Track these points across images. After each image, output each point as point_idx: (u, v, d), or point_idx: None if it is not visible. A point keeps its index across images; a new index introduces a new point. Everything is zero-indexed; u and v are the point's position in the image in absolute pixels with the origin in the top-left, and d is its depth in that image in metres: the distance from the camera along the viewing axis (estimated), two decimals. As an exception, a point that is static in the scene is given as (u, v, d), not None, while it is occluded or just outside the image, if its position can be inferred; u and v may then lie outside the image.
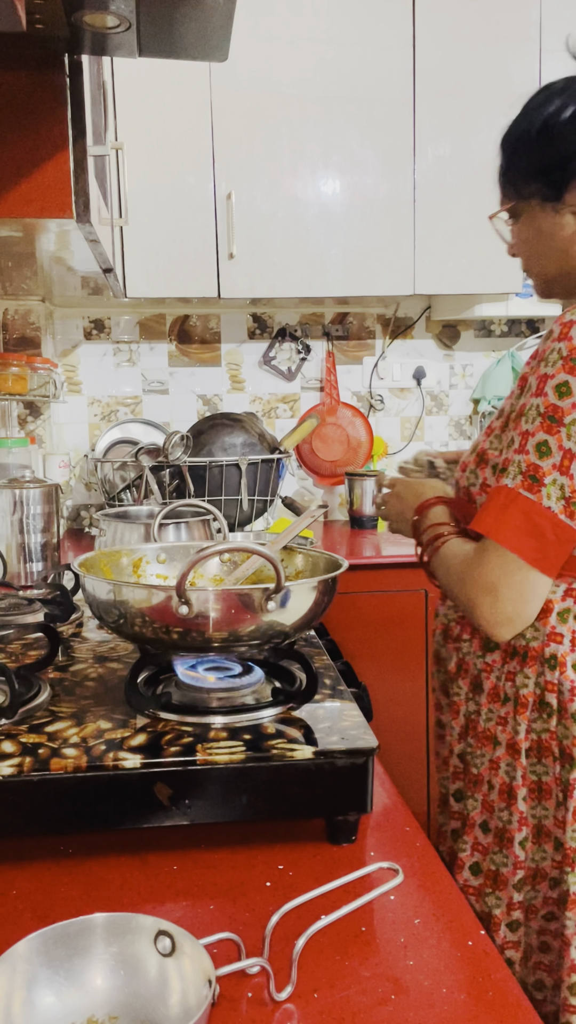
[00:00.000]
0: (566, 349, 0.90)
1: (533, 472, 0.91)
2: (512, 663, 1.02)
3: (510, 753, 1.02)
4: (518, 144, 1.02)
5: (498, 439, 1.00)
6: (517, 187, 1.02)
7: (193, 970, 0.53)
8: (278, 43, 2.27)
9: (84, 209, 1.14)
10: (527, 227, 1.03)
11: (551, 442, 0.90)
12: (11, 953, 0.53)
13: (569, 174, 0.97)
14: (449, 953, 0.61)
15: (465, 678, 1.09)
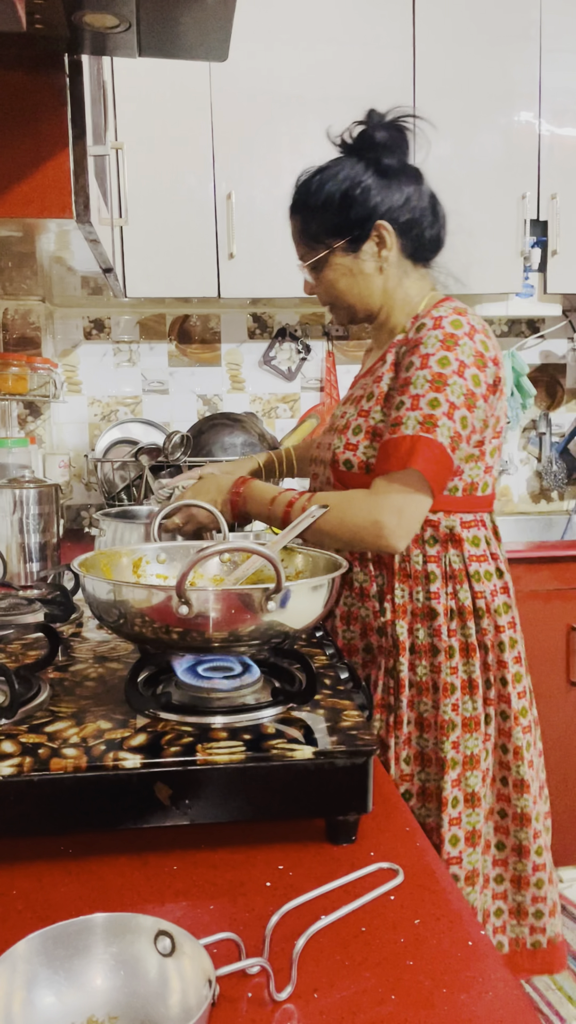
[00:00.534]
0: (442, 335, 1.22)
1: (428, 419, 1.18)
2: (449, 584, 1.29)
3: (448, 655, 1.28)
4: (322, 209, 1.28)
5: (381, 414, 1.27)
6: (322, 242, 1.30)
7: (193, 970, 0.53)
8: (278, 43, 2.27)
9: (84, 209, 1.15)
10: (333, 271, 1.32)
11: (440, 398, 1.19)
12: (11, 953, 0.53)
13: (365, 232, 1.28)
14: (449, 953, 0.61)
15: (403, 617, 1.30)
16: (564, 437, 2.91)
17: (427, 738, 1.29)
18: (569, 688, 2.25)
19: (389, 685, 1.30)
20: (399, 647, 1.28)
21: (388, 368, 1.29)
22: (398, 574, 1.29)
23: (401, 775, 1.29)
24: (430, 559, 1.28)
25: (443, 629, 1.27)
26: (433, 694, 1.28)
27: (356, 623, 1.34)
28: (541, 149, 2.42)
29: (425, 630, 1.28)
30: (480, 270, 2.40)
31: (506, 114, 2.40)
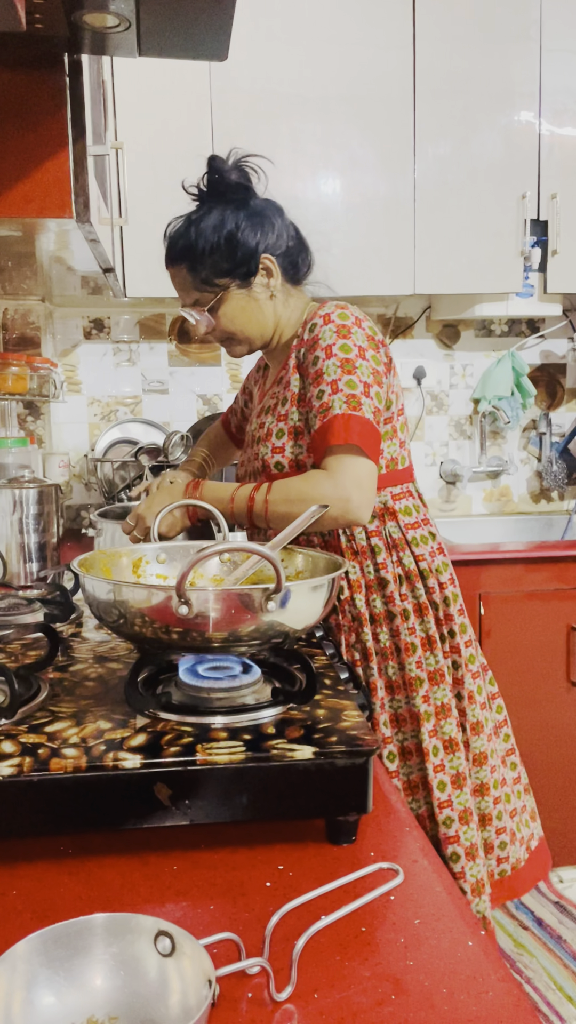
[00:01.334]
0: (334, 327, 1.31)
1: (351, 399, 1.26)
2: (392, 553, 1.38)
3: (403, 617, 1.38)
4: (210, 255, 1.36)
5: (298, 413, 1.35)
6: (214, 284, 1.37)
7: (193, 970, 0.53)
8: (278, 43, 2.27)
9: (84, 209, 1.14)
10: (230, 308, 1.39)
11: (353, 379, 1.27)
12: (11, 953, 0.53)
13: (253, 268, 1.37)
14: (449, 953, 0.61)
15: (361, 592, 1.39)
16: (564, 437, 2.91)
17: (399, 699, 1.38)
18: (569, 688, 2.25)
19: (355, 657, 1.39)
20: (360, 619, 1.38)
21: (292, 372, 1.37)
22: (346, 552, 1.38)
23: (384, 738, 1.37)
24: (372, 534, 1.38)
25: (395, 595, 1.38)
26: (397, 656, 1.38)
27: None
28: (541, 149, 2.42)
29: (380, 598, 1.38)
30: (480, 270, 2.41)
31: (506, 114, 2.40)
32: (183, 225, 1.41)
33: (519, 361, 2.75)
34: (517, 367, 2.75)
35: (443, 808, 1.35)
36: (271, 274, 1.40)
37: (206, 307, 1.39)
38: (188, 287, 1.40)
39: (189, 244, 1.38)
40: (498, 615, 2.18)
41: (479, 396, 2.81)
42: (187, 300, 1.42)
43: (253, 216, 1.39)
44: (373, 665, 1.38)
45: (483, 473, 2.89)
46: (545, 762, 2.25)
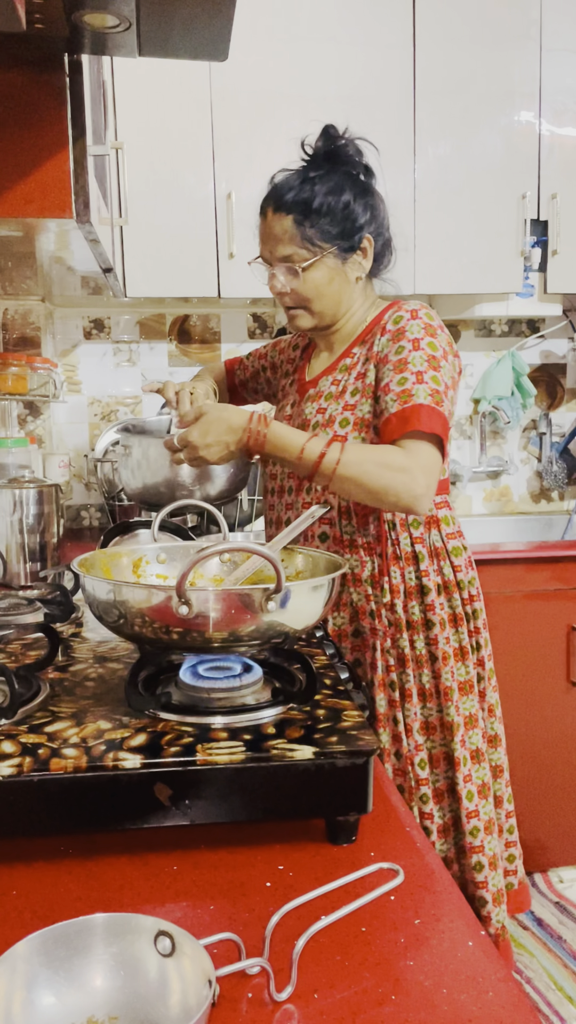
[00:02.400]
0: (422, 324, 1.32)
1: (435, 394, 1.26)
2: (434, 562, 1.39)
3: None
4: (326, 215, 1.33)
5: (369, 406, 1.34)
6: (318, 245, 1.34)
7: (193, 970, 0.53)
8: (278, 43, 2.27)
9: (84, 209, 1.14)
10: (322, 275, 1.36)
11: (438, 376, 1.28)
12: (11, 953, 0.53)
13: (356, 243, 1.36)
14: (449, 953, 0.61)
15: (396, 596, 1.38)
16: (564, 437, 2.91)
17: (430, 707, 1.38)
18: (569, 688, 2.25)
19: (389, 663, 1.38)
20: (399, 624, 1.37)
21: (366, 362, 1.36)
22: (390, 557, 1.37)
23: (416, 745, 1.37)
24: (416, 540, 1.38)
25: (435, 603, 1.38)
26: (432, 664, 1.38)
27: (346, 608, 1.41)
28: (541, 149, 2.42)
29: (419, 606, 1.38)
30: (480, 270, 2.41)
31: (506, 114, 2.40)
32: (297, 177, 1.38)
33: (519, 361, 2.75)
34: (517, 367, 2.75)
35: (471, 818, 1.36)
36: (366, 256, 1.38)
37: (298, 264, 1.35)
38: (287, 239, 1.35)
39: (305, 197, 1.34)
40: (498, 615, 2.18)
41: (479, 396, 2.81)
42: (278, 252, 1.36)
43: (367, 194, 1.38)
44: (409, 671, 1.37)
45: (483, 473, 2.89)
46: (545, 762, 2.25)
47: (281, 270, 1.37)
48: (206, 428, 1.26)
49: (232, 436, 1.26)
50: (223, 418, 1.26)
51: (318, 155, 1.41)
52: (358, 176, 1.39)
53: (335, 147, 1.40)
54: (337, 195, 1.34)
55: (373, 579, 1.38)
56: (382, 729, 1.38)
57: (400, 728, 1.38)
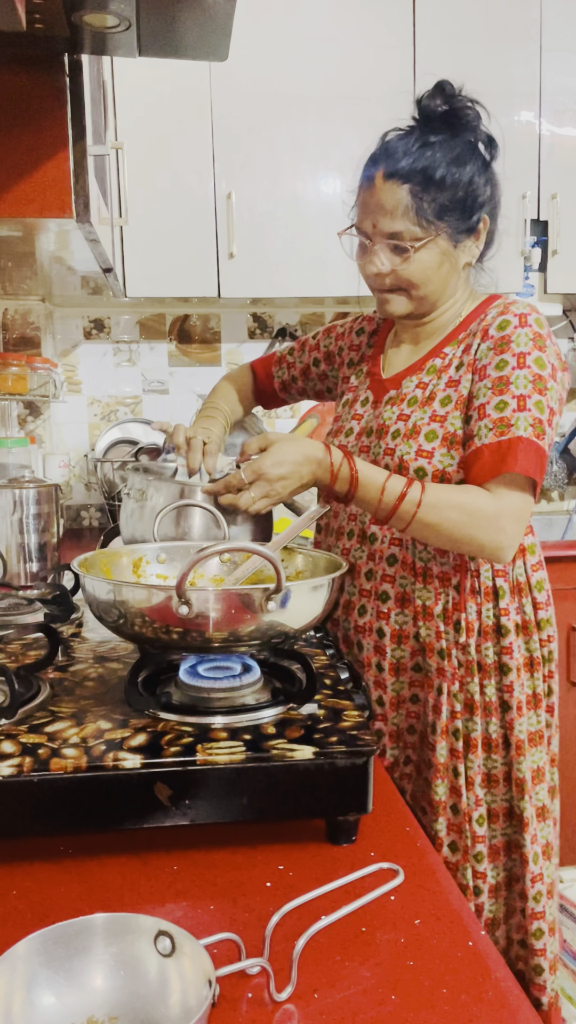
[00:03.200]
0: (531, 333, 1.15)
1: (536, 424, 1.11)
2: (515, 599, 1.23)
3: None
4: (449, 189, 1.16)
5: (461, 420, 1.18)
6: (433, 222, 1.16)
7: (193, 970, 0.53)
8: (278, 43, 2.27)
9: (84, 209, 1.14)
10: (432, 256, 1.18)
11: (543, 401, 1.12)
12: (11, 953, 0.53)
13: (472, 224, 1.20)
14: (449, 953, 0.61)
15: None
16: (564, 437, 2.91)
17: (496, 759, 1.22)
18: (570, 688, 2.25)
19: (455, 708, 1.21)
20: (471, 668, 1.21)
21: (462, 369, 1.20)
22: (467, 592, 1.20)
23: (476, 800, 1.22)
24: (498, 573, 1.21)
25: (513, 646, 1.21)
26: (502, 713, 1.22)
27: (408, 641, 1.24)
28: (541, 149, 2.42)
29: (494, 647, 1.21)
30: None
31: (506, 114, 2.40)
32: (416, 141, 1.18)
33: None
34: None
35: (535, 882, 1.22)
36: (479, 239, 1.22)
37: (410, 243, 1.16)
38: (399, 212, 1.15)
39: (426, 165, 1.15)
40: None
41: (479, 396, 2.81)
42: (386, 226, 1.16)
43: (489, 171, 1.22)
44: (477, 719, 1.21)
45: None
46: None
47: (385, 247, 1.18)
48: (280, 458, 1.11)
49: (309, 468, 1.12)
50: (299, 449, 1.12)
51: (433, 116, 1.21)
52: (478, 146, 1.22)
53: (453, 108, 1.21)
54: (461, 166, 1.16)
55: (446, 615, 1.21)
56: (439, 780, 1.21)
57: (460, 781, 1.21)
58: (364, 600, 1.26)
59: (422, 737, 1.25)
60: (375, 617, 1.25)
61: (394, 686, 1.25)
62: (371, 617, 1.26)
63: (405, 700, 1.26)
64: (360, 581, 1.27)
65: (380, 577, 1.24)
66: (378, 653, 1.25)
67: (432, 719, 1.22)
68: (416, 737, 1.26)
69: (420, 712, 1.25)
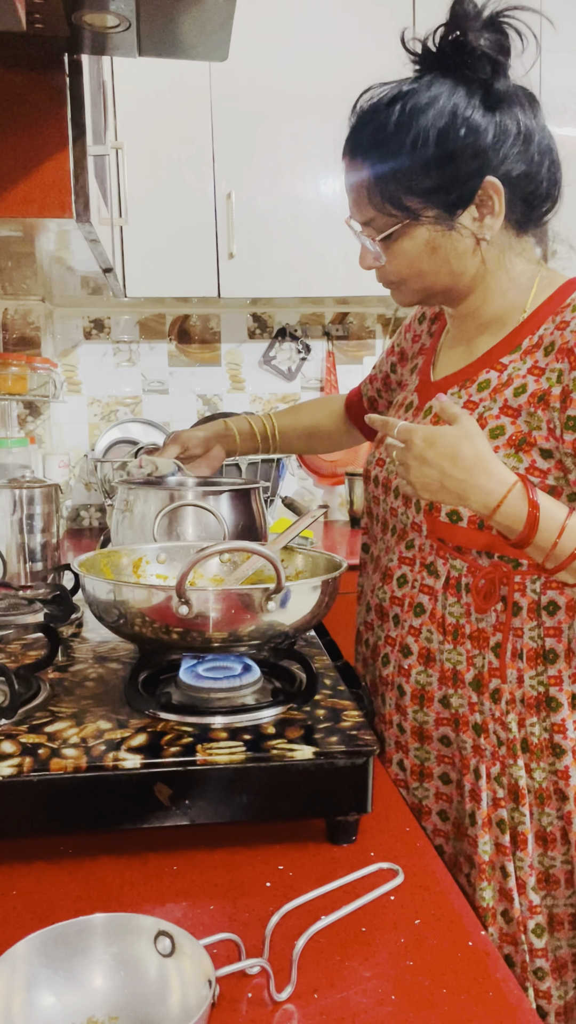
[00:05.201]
0: None
1: None
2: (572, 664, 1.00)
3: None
4: (410, 155, 0.93)
5: (534, 418, 0.94)
6: (402, 206, 0.95)
7: (193, 970, 0.53)
8: (278, 43, 2.27)
9: (84, 209, 1.14)
10: (414, 245, 0.98)
11: None
12: (11, 953, 0.53)
13: (468, 193, 0.94)
14: (449, 953, 0.61)
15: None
16: None
17: (553, 855, 1.01)
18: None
19: (497, 795, 1.01)
20: (512, 747, 1.00)
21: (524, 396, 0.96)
22: (509, 655, 0.99)
23: (530, 906, 1.00)
24: (549, 632, 0.98)
25: (567, 723, 0.99)
26: (559, 802, 1.00)
27: (432, 706, 1.05)
28: (541, 149, 2.42)
29: (541, 724, 1.00)
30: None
31: (506, 114, 2.40)
32: (386, 98, 0.97)
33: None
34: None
35: None
36: (492, 211, 0.95)
37: (381, 232, 0.98)
38: (363, 197, 0.97)
39: (384, 129, 0.93)
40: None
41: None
42: (358, 215, 1.00)
43: (490, 111, 0.93)
44: (524, 810, 1.00)
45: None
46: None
47: (366, 239, 1.01)
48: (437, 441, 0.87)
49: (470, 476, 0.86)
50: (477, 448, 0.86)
51: (427, 57, 0.98)
52: (485, 84, 0.93)
53: (452, 40, 0.94)
54: (435, 120, 0.91)
55: (480, 681, 1.01)
56: (484, 883, 1.00)
57: (511, 883, 1.00)
58: (389, 649, 1.10)
59: (457, 826, 1.06)
60: (396, 671, 1.08)
61: (417, 753, 1.07)
62: (393, 670, 1.08)
63: (432, 775, 1.07)
64: (388, 626, 1.10)
65: (407, 628, 1.06)
66: (399, 712, 1.08)
67: (469, 806, 1.02)
68: (449, 825, 1.07)
69: (452, 796, 1.06)
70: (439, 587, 1.03)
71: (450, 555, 1.01)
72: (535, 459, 0.94)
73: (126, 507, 1.37)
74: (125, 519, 1.37)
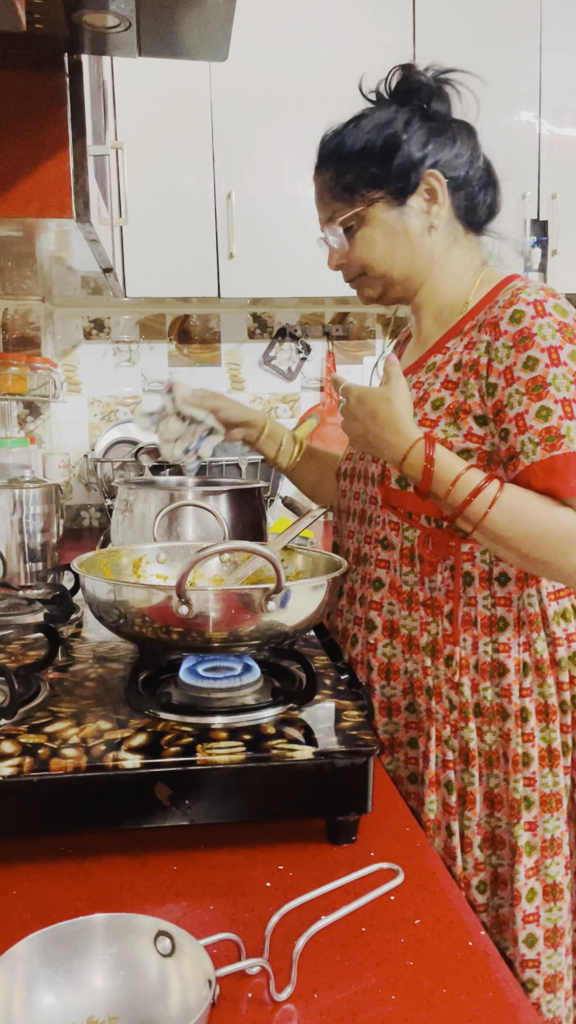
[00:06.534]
0: (555, 323, 0.99)
1: None
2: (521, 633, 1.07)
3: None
4: (360, 157, 1.10)
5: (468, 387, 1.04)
6: (358, 194, 1.10)
7: (193, 970, 0.53)
8: (278, 43, 2.27)
9: (84, 209, 1.14)
10: (372, 228, 1.11)
11: None
12: (11, 953, 0.53)
13: (412, 182, 1.09)
14: (449, 953, 0.61)
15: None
16: None
17: (499, 817, 1.06)
18: None
19: (446, 757, 1.07)
20: (463, 710, 1.06)
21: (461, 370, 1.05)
22: (461, 621, 1.06)
23: (475, 863, 1.06)
24: (500, 601, 1.06)
25: (514, 688, 1.05)
26: (504, 765, 1.06)
27: (398, 678, 1.11)
28: (541, 149, 2.42)
29: (493, 689, 1.06)
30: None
31: (506, 114, 2.40)
32: (342, 125, 1.15)
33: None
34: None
35: (527, 967, 1.05)
36: (435, 198, 1.10)
37: (342, 223, 1.12)
38: (326, 198, 1.15)
39: (340, 143, 1.13)
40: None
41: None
42: (322, 216, 1.17)
43: (430, 123, 1.10)
44: (473, 771, 1.06)
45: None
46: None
47: (329, 238, 1.15)
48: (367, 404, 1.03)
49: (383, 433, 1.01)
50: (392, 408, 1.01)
51: (381, 97, 1.16)
52: (422, 106, 1.11)
53: (402, 79, 1.14)
54: (381, 130, 1.09)
55: (434, 647, 1.08)
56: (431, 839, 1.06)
57: (455, 842, 1.06)
58: (356, 629, 1.17)
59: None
60: (364, 648, 1.14)
61: (386, 727, 1.13)
62: (361, 648, 1.15)
63: (402, 744, 1.12)
64: (355, 608, 1.17)
65: (368, 603, 1.14)
66: (368, 690, 1.12)
67: (422, 768, 1.08)
68: (418, 786, 1.12)
69: (417, 758, 1.12)
70: (395, 558, 1.11)
71: (403, 524, 1.10)
72: (471, 426, 1.04)
73: (126, 507, 1.38)
74: (125, 519, 1.38)
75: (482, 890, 1.07)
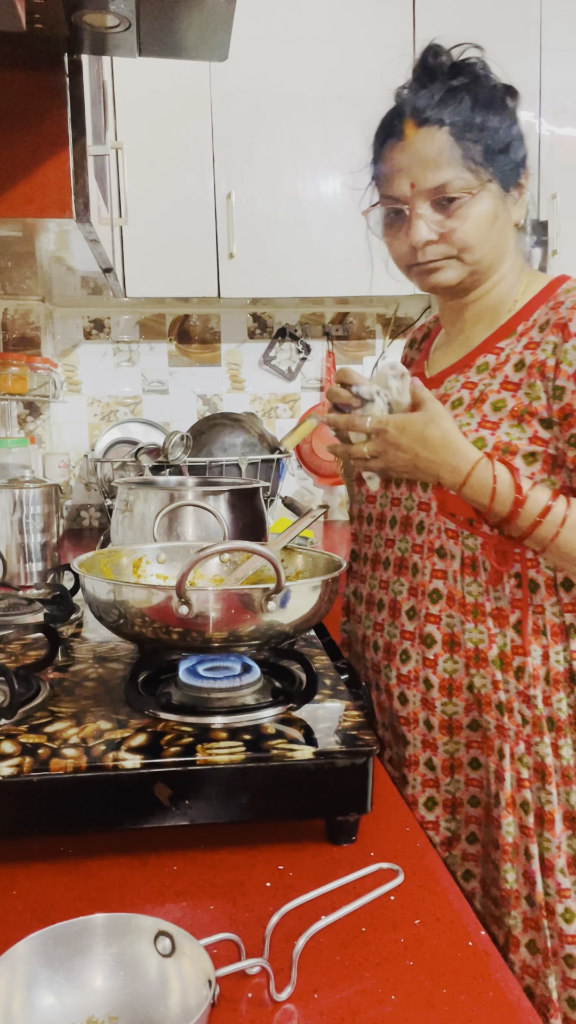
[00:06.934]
0: None
1: None
2: None
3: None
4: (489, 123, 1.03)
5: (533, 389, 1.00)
6: (482, 165, 1.01)
7: (193, 971, 0.53)
8: (278, 43, 2.27)
9: (84, 209, 1.14)
10: (485, 209, 1.03)
11: None
12: (11, 953, 0.53)
13: (517, 173, 1.06)
14: (449, 953, 0.61)
15: None
16: None
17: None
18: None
19: (520, 775, 1.02)
20: (538, 724, 1.02)
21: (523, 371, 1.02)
22: (531, 631, 1.02)
23: (558, 888, 1.00)
24: (567, 608, 1.02)
25: None
26: None
27: (461, 694, 1.06)
28: (541, 149, 2.42)
29: (568, 699, 1.02)
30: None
31: (506, 114, 2.40)
32: (439, 87, 1.06)
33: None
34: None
35: None
36: (523, 195, 1.07)
37: (461, 192, 1.01)
38: (444, 159, 1.00)
39: (460, 106, 1.02)
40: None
41: (479, 396, 2.81)
42: (428, 181, 1.01)
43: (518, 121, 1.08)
44: (551, 789, 1.01)
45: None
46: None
47: (429, 208, 1.02)
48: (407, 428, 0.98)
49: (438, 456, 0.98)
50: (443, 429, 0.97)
51: (441, 70, 1.09)
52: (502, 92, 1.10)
53: (455, 61, 1.10)
54: (493, 108, 1.04)
55: (503, 660, 1.03)
56: (508, 864, 1.01)
57: (534, 866, 1.00)
58: (408, 644, 1.09)
59: (487, 810, 1.06)
60: (421, 664, 1.08)
61: (446, 746, 1.07)
62: (416, 664, 1.08)
63: (462, 764, 1.07)
64: (401, 620, 1.10)
65: (424, 616, 1.07)
66: (426, 707, 1.07)
67: (495, 789, 1.03)
68: (480, 810, 1.07)
69: (483, 780, 1.06)
70: (455, 568, 1.05)
71: (462, 531, 1.04)
72: (537, 429, 1.00)
73: (126, 507, 1.38)
74: (125, 519, 1.38)
75: (568, 919, 0.99)
